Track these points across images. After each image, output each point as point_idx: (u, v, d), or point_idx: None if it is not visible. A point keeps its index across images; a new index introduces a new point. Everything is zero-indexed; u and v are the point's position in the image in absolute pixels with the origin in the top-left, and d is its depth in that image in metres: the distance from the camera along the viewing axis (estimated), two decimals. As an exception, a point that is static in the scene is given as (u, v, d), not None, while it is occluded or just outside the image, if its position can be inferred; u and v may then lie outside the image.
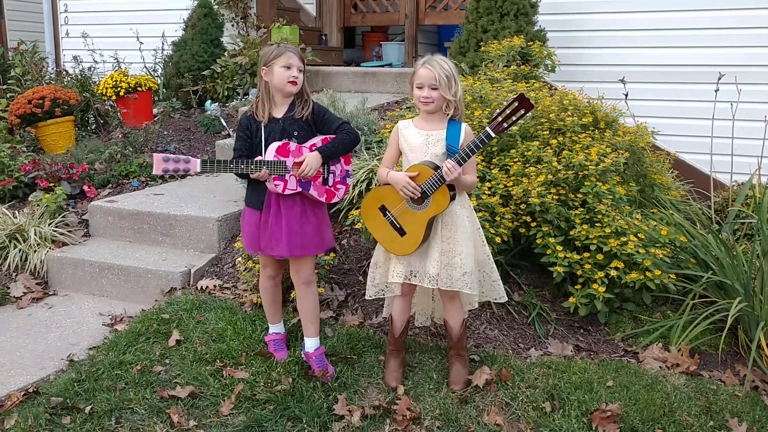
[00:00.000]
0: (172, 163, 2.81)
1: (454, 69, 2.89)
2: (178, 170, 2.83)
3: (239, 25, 7.41)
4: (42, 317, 3.93)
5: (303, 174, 2.97)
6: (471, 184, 2.98)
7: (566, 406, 2.94)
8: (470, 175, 2.94)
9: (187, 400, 2.99)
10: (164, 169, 2.80)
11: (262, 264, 3.29)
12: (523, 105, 2.75)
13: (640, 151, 4.23)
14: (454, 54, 5.85)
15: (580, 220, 3.64)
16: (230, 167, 2.89)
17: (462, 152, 2.78)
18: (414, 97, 2.93)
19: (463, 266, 2.89)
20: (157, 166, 2.80)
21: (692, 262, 3.69)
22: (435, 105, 2.88)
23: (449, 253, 2.92)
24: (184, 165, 2.82)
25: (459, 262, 2.90)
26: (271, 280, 3.29)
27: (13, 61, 7.51)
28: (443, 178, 2.78)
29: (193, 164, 2.83)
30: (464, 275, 2.89)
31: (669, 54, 5.73)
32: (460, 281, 2.90)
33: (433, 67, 2.84)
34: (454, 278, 2.91)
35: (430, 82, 2.85)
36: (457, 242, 2.91)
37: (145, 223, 4.48)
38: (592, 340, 3.56)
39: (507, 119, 2.77)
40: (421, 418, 2.89)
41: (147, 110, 6.83)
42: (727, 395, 3.06)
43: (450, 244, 2.92)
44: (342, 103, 4.78)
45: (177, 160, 2.81)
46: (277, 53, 3.01)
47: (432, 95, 2.86)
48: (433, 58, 2.89)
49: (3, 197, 5.08)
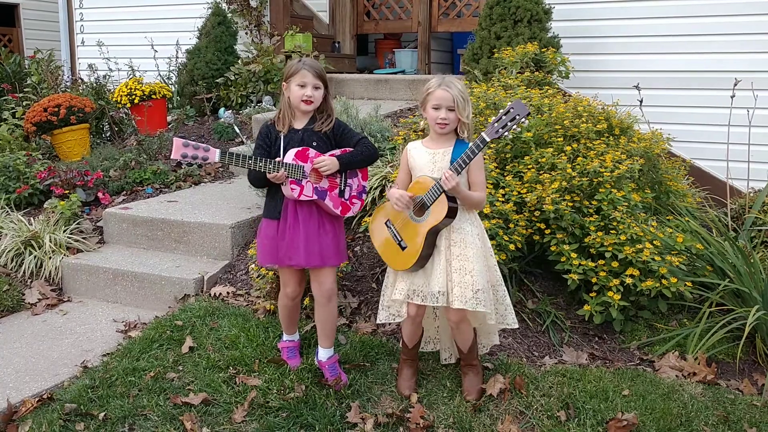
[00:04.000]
0: (191, 149, 2.79)
1: (467, 92, 2.88)
2: (197, 157, 2.81)
3: (253, 33, 7.45)
4: (56, 323, 3.95)
5: (318, 166, 2.95)
6: (477, 200, 2.88)
7: (581, 415, 2.91)
8: (478, 192, 2.87)
9: (200, 407, 2.98)
10: (183, 154, 2.78)
11: (282, 283, 3.23)
12: (519, 111, 2.72)
13: (656, 158, 4.20)
14: (468, 61, 5.85)
15: (594, 228, 3.61)
16: (249, 163, 2.87)
17: (459, 159, 2.74)
18: (429, 117, 2.89)
19: (475, 284, 2.81)
20: (176, 150, 2.78)
21: (709, 269, 3.65)
22: (450, 127, 2.86)
23: (460, 270, 2.84)
24: (203, 153, 2.81)
25: (470, 279, 2.82)
26: (291, 301, 3.24)
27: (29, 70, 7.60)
28: (441, 188, 2.76)
29: (213, 154, 2.82)
30: (477, 293, 2.81)
31: (684, 60, 5.69)
32: (473, 300, 2.81)
33: (451, 89, 2.80)
34: (467, 297, 2.81)
35: (448, 104, 2.81)
36: (468, 259, 2.84)
37: (159, 230, 4.50)
38: (607, 348, 3.53)
39: (503, 125, 2.74)
40: (435, 427, 2.87)
41: (161, 118, 6.87)
42: (745, 405, 3.02)
43: (461, 261, 2.85)
44: (355, 111, 4.78)
45: (197, 147, 2.80)
46: (295, 70, 3.00)
47: (449, 117, 2.83)
48: (449, 79, 2.86)
49: (19, 204, 5.12)
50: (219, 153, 2.85)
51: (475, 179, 2.88)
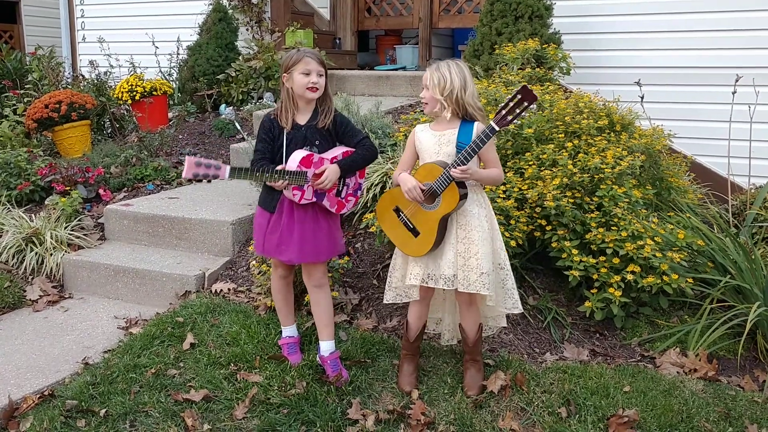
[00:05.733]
0: (203, 168, 2.79)
1: (456, 70, 2.84)
2: (208, 176, 2.81)
3: (254, 29, 7.44)
4: (57, 320, 3.95)
5: (320, 186, 2.97)
6: (496, 177, 2.94)
7: (582, 411, 2.91)
8: (494, 168, 2.93)
9: (201, 404, 2.99)
10: (195, 173, 2.78)
11: (273, 264, 3.30)
12: (527, 97, 2.72)
13: (657, 154, 4.19)
14: (469, 57, 5.84)
15: (596, 224, 3.61)
16: (256, 175, 2.89)
17: (468, 148, 2.76)
18: None
19: (480, 267, 2.83)
20: (188, 169, 2.77)
21: (710, 266, 3.65)
22: (430, 106, 2.91)
23: (465, 253, 2.88)
24: (214, 171, 2.81)
25: (475, 263, 2.85)
26: (283, 280, 3.30)
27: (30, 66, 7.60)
28: (451, 176, 2.77)
29: (223, 171, 2.82)
30: (481, 276, 2.83)
31: (685, 56, 5.67)
32: (477, 282, 2.84)
33: (429, 68, 2.88)
34: (471, 280, 2.85)
35: (425, 82, 2.90)
36: (473, 242, 2.87)
37: (160, 227, 4.50)
38: (608, 344, 3.53)
39: (511, 112, 2.75)
40: (436, 423, 2.88)
41: (162, 114, 6.87)
42: (746, 401, 3.01)
43: (466, 244, 2.88)
44: (356, 107, 4.78)
45: (209, 166, 2.79)
46: (296, 59, 2.99)
47: (424, 96, 2.90)
48: (439, 61, 2.90)
49: (20, 201, 5.12)
50: (229, 170, 2.84)
51: (488, 157, 2.92)
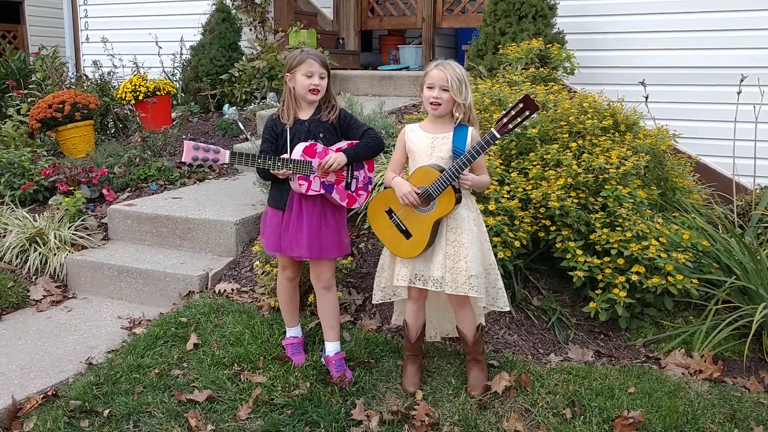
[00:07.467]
0: (201, 151, 2.82)
1: (466, 75, 2.88)
2: (207, 159, 2.84)
3: (257, 30, 7.44)
4: (61, 320, 3.95)
5: (325, 165, 2.96)
6: (487, 182, 3.02)
7: (587, 412, 2.90)
8: (483, 174, 2.97)
9: (204, 404, 2.98)
10: (194, 157, 2.81)
11: (281, 266, 3.29)
12: (528, 106, 2.73)
13: (661, 154, 4.18)
14: (472, 57, 5.83)
15: (600, 224, 3.60)
16: (258, 162, 2.90)
17: (468, 154, 2.77)
18: (424, 98, 2.92)
19: (469, 269, 2.85)
20: (186, 153, 2.80)
21: (715, 266, 3.64)
22: (444, 108, 2.87)
23: (454, 256, 2.89)
24: (213, 155, 2.84)
25: (464, 265, 2.86)
26: (290, 282, 3.30)
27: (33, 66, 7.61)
28: (448, 180, 2.78)
29: (223, 155, 2.85)
30: (470, 278, 2.85)
31: (690, 56, 5.66)
32: (465, 285, 2.86)
33: (446, 69, 2.83)
34: (459, 282, 2.87)
35: (441, 83, 2.83)
36: (462, 245, 2.88)
37: (164, 227, 4.50)
38: (612, 345, 3.52)
39: (512, 120, 2.77)
40: (440, 424, 2.87)
41: (166, 114, 6.87)
42: (752, 403, 3.00)
43: (455, 247, 2.89)
44: (359, 107, 4.77)
45: (207, 149, 2.83)
46: (300, 60, 3.01)
47: (442, 97, 2.84)
48: (446, 61, 2.89)
49: (24, 201, 5.12)
50: (229, 154, 2.87)
51: (477, 163, 2.92)
